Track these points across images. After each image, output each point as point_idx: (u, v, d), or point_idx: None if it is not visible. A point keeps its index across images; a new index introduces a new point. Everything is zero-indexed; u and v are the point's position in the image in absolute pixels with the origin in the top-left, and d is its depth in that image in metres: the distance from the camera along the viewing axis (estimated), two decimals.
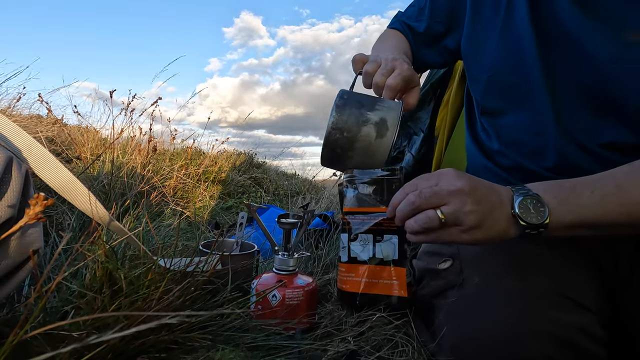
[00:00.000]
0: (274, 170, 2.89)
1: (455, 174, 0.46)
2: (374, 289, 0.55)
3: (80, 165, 1.43)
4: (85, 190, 0.45)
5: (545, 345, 0.44)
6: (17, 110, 1.97)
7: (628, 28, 0.52)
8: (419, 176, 0.49)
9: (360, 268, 0.55)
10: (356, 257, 0.55)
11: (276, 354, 0.51)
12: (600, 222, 0.45)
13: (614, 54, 0.53)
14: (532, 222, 0.44)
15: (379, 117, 0.57)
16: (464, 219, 0.44)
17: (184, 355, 0.46)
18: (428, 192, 0.45)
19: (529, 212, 0.44)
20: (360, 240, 0.55)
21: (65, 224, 0.90)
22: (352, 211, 0.56)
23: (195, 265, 0.55)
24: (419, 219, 0.45)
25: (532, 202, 0.45)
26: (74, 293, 0.49)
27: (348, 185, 0.57)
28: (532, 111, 0.61)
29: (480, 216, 0.44)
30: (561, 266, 0.53)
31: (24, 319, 0.28)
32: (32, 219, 0.27)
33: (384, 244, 0.54)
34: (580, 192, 0.45)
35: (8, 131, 0.41)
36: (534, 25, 0.59)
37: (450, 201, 0.44)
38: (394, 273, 0.54)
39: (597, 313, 0.48)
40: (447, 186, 0.45)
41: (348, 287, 0.56)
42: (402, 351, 0.57)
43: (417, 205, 0.46)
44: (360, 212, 0.55)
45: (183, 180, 1.68)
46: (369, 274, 0.54)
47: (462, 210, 0.43)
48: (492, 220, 0.45)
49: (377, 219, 0.55)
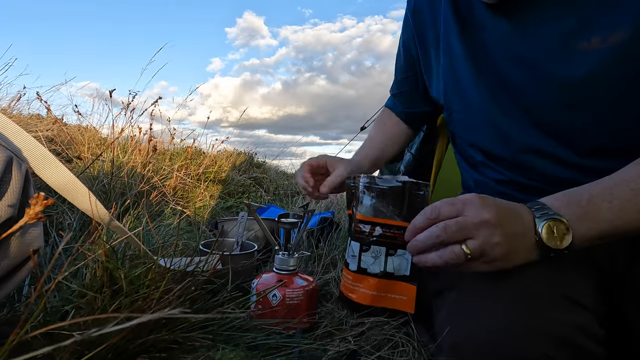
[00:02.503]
0: (274, 170, 2.89)
1: (480, 202, 0.44)
2: (381, 302, 0.53)
3: (80, 165, 1.43)
4: (85, 189, 0.45)
5: (543, 344, 0.44)
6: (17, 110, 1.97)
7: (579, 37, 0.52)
8: (441, 201, 0.45)
9: (369, 280, 0.53)
10: (366, 269, 0.53)
11: (276, 353, 0.51)
12: (621, 230, 0.44)
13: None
14: (556, 248, 0.43)
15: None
16: (490, 252, 0.43)
17: (184, 354, 0.46)
18: (454, 226, 0.43)
19: (552, 238, 0.43)
20: (372, 251, 0.53)
21: (65, 223, 0.90)
22: (368, 220, 0.53)
23: (196, 265, 0.55)
24: (444, 256, 0.44)
25: (556, 226, 0.43)
26: (75, 293, 0.49)
27: (365, 192, 0.53)
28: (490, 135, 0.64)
29: (507, 248, 0.43)
30: (558, 265, 0.53)
31: (24, 318, 0.28)
32: (32, 219, 0.27)
33: (397, 258, 0.52)
34: (599, 203, 0.44)
35: (8, 131, 0.41)
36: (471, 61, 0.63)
37: (476, 235, 0.42)
38: (404, 289, 0.52)
39: (594, 311, 0.48)
40: (473, 218, 0.43)
41: (355, 297, 0.54)
42: (402, 351, 0.57)
43: (441, 240, 0.43)
44: (375, 222, 0.52)
45: (183, 179, 1.68)
46: (378, 287, 0.53)
47: (489, 243, 0.42)
48: (517, 249, 0.44)
49: (393, 233, 0.53)
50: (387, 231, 0.51)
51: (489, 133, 0.64)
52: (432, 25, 0.70)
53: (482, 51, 0.61)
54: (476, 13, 0.61)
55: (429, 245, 0.45)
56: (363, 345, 0.58)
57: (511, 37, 0.57)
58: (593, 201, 0.45)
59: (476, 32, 0.62)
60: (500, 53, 0.59)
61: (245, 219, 0.93)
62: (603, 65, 0.51)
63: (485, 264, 0.44)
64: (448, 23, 0.66)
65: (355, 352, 0.56)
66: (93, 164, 1.39)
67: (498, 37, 0.59)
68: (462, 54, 0.63)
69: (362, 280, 0.53)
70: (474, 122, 0.66)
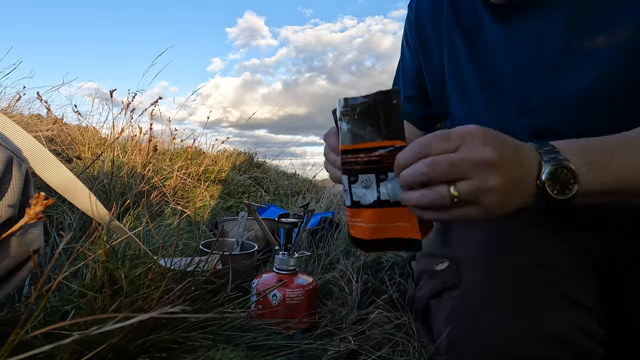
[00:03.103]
0: (274, 170, 2.89)
1: (482, 137, 0.37)
2: (383, 234, 0.47)
3: (80, 165, 1.43)
4: (85, 189, 0.45)
5: (543, 344, 0.44)
6: (17, 110, 1.97)
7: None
8: (433, 134, 0.39)
9: (365, 212, 0.48)
10: (359, 201, 0.48)
11: (276, 353, 0.51)
12: (630, 188, 0.41)
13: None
14: (558, 198, 0.38)
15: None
16: (483, 197, 0.36)
17: (184, 354, 0.46)
18: (444, 164, 0.36)
19: (556, 185, 0.38)
20: (361, 181, 0.47)
21: (65, 223, 0.90)
22: (349, 149, 0.47)
23: (196, 265, 0.55)
24: (427, 195, 0.38)
25: (563, 173, 0.38)
26: (75, 293, 0.49)
27: (342, 118, 0.48)
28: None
29: (503, 195, 0.37)
30: (559, 265, 0.53)
31: (24, 318, 0.28)
32: (33, 219, 0.27)
33: (390, 183, 0.45)
34: (613, 152, 0.40)
35: (8, 131, 0.41)
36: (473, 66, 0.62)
37: (471, 176, 0.36)
38: (404, 216, 0.46)
39: (594, 311, 0.48)
40: (470, 155, 0.36)
41: (355, 232, 0.49)
42: (402, 350, 0.57)
43: (427, 178, 0.37)
44: (357, 149, 0.47)
45: (183, 179, 1.68)
46: (375, 218, 0.47)
47: (484, 187, 0.36)
48: (514, 196, 0.38)
49: (377, 155, 0.46)
50: (371, 155, 0.45)
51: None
52: (434, 33, 0.69)
53: (486, 58, 0.61)
54: (478, 20, 0.61)
55: (415, 183, 0.39)
56: (363, 345, 0.58)
57: (514, 43, 0.57)
58: (607, 149, 0.41)
59: (479, 39, 0.61)
60: (503, 59, 0.58)
61: (245, 219, 0.93)
62: (608, 64, 0.50)
63: (472, 211, 0.38)
64: (451, 31, 0.65)
65: (355, 351, 0.57)
66: (93, 164, 1.39)
67: (501, 42, 0.58)
68: (466, 62, 0.63)
69: (358, 214, 0.49)
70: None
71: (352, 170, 0.48)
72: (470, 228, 0.64)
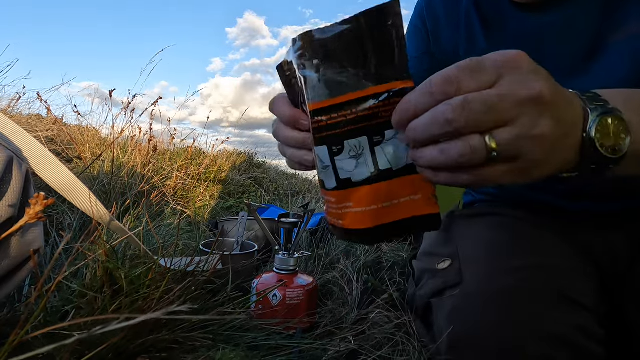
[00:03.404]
0: (274, 170, 2.89)
1: (528, 65, 0.28)
2: (389, 216, 0.34)
3: (80, 165, 1.43)
4: (85, 189, 0.45)
5: (543, 344, 0.44)
6: (17, 110, 1.97)
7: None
8: (461, 63, 0.28)
9: (359, 192, 0.34)
10: (349, 179, 0.34)
11: (277, 353, 0.51)
12: None
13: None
14: (607, 155, 0.30)
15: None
16: (527, 149, 0.27)
17: (184, 354, 0.46)
18: (480, 105, 0.26)
19: (607, 138, 0.30)
20: (348, 150, 0.33)
21: (65, 223, 0.90)
22: (323, 107, 0.33)
23: (196, 265, 0.55)
24: (451, 150, 0.27)
25: (615, 123, 0.30)
26: (75, 293, 0.49)
27: (304, 64, 0.33)
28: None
29: (550, 146, 0.28)
30: (559, 265, 0.53)
31: (24, 318, 0.28)
32: (33, 219, 0.27)
33: (389, 145, 0.33)
34: None
35: (8, 131, 0.41)
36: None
37: (515, 119, 0.27)
38: (414, 186, 0.34)
39: (595, 311, 0.48)
40: (514, 91, 0.27)
41: (348, 223, 0.35)
42: (402, 350, 0.57)
43: (454, 127, 0.27)
44: (336, 104, 0.33)
45: (183, 179, 1.68)
46: (376, 197, 0.34)
47: (530, 134, 0.27)
48: (560, 150, 0.29)
49: (369, 109, 0.32)
50: (358, 110, 0.32)
51: None
52: (447, 23, 0.65)
53: (509, 48, 0.58)
54: (502, 10, 0.58)
55: (434, 136, 0.28)
56: (363, 345, 0.58)
57: (544, 32, 0.54)
58: None
59: (502, 28, 0.58)
60: (531, 49, 0.56)
61: (245, 219, 0.93)
62: (636, 56, 0.48)
63: (506, 169, 0.28)
64: (470, 19, 0.61)
65: (355, 351, 0.57)
66: (93, 164, 1.39)
67: (527, 32, 0.55)
68: (486, 51, 0.60)
69: (349, 197, 0.35)
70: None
71: (332, 137, 0.34)
72: (472, 227, 0.64)
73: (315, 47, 0.32)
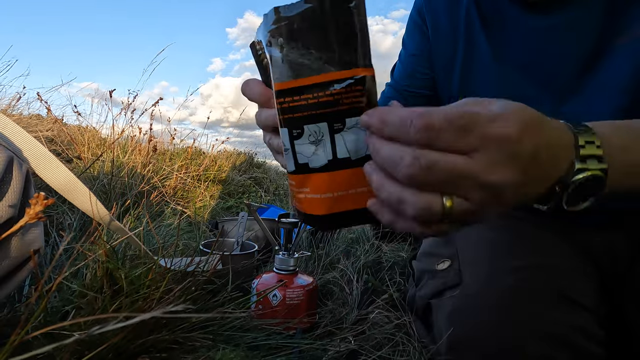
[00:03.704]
0: (274, 170, 2.90)
1: (518, 142, 0.26)
2: (342, 205, 0.34)
3: (81, 165, 1.43)
4: (85, 190, 0.45)
5: (542, 345, 0.45)
6: (17, 110, 1.98)
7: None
8: (452, 114, 0.26)
9: (316, 179, 0.34)
10: (307, 164, 0.34)
11: (277, 353, 0.51)
12: None
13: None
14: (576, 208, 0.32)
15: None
16: (485, 215, 0.28)
17: (184, 355, 0.46)
18: (446, 173, 0.26)
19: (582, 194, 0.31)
20: (308, 134, 0.33)
21: (65, 223, 0.90)
22: (286, 88, 0.33)
23: (196, 265, 0.55)
24: (407, 200, 0.27)
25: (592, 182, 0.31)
26: (75, 293, 0.49)
27: (271, 42, 0.32)
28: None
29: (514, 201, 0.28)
30: (559, 265, 0.53)
31: (25, 318, 0.28)
32: (33, 219, 0.27)
33: (349, 133, 0.33)
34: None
35: (9, 131, 0.41)
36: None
37: (477, 198, 0.27)
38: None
39: (594, 312, 0.48)
40: (486, 172, 0.26)
41: (305, 207, 0.35)
42: (402, 350, 0.57)
43: (414, 182, 0.26)
44: (299, 86, 0.32)
45: (183, 180, 1.69)
46: (331, 185, 0.34)
47: (486, 210, 0.28)
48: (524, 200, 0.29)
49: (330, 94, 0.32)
50: (320, 95, 0.32)
51: None
52: (447, 21, 0.64)
53: (509, 50, 0.57)
54: (503, 10, 0.58)
55: (390, 171, 0.28)
56: (363, 345, 0.58)
57: (546, 34, 0.54)
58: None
59: (504, 32, 0.58)
60: (532, 52, 0.55)
61: (245, 219, 0.93)
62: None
63: (455, 226, 0.29)
64: (471, 19, 0.61)
65: (355, 351, 0.57)
66: (93, 164, 1.39)
67: (530, 34, 0.55)
68: (486, 55, 0.59)
69: (306, 182, 0.35)
70: None
71: (293, 120, 0.33)
72: (472, 227, 0.64)
73: (281, 25, 0.32)
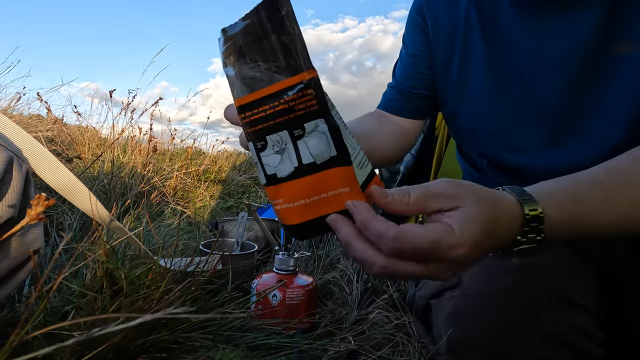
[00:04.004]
0: None
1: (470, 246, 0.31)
2: (316, 211, 0.35)
3: (81, 165, 1.43)
4: (85, 190, 0.45)
5: (542, 345, 0.45)
6: (17, 110, 1.98)
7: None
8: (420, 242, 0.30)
9: (286, 188, 0.35)
10: (275, 174, 0.35)
11: (276, 353, 0.51)
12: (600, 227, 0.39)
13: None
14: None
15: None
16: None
17: (184, 355, 0.46)
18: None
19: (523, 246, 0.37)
20: (272, 145, 0.34)
21: (65, 224, 0.90)
22: (245, 103, 0.34)
23: (196, 265, 0.55)
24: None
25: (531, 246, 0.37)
26: (75, 293, 0.49)
27: (226, 63, 0.34)
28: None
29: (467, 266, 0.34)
30: (558, 265, 0.53)
31: (24, 319, 0.28)
32: (34, 219, 0.27)
33: (311, 137, 0.33)
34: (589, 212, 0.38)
35: (9, 131, 0.41)
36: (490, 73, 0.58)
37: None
38: (340, 178, 0.34)
39: (594, 312, 0.48)
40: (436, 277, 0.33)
41: (282, 217, 0.36)
42: (402, 351, 0.57)
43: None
44: (255, 101, 0.33)
45: (183, 180, 1.69)
46: (301, 192, 0.35)
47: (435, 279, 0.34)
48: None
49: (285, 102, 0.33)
50: (276, 104, 0.33)
51: (497, 144, 0.60)
52: (448, 20, 0.63)
53: (504, 55, 0.57)
54: (501, 10, 0.57)
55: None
56: (363, 345, 0.58)
57: (542, 39, 0.54)
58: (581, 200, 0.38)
59: (499, 35, 0.58)
60: (528, 57, 0.55)
61: (245, 219, 0.93)
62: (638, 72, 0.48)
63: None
64: (471, 19, 0.60)
65: (355, 351, 0.57)
66: (93, 164, 1.39)
67: (525, 38, 0.55)
68: (482, 57, 0.59)
69: (278, 193, 0.35)
70: (482, 132, 0.62)
71: (256, 133, 0.34)
72: None
73: (229, 45, 0.33)
